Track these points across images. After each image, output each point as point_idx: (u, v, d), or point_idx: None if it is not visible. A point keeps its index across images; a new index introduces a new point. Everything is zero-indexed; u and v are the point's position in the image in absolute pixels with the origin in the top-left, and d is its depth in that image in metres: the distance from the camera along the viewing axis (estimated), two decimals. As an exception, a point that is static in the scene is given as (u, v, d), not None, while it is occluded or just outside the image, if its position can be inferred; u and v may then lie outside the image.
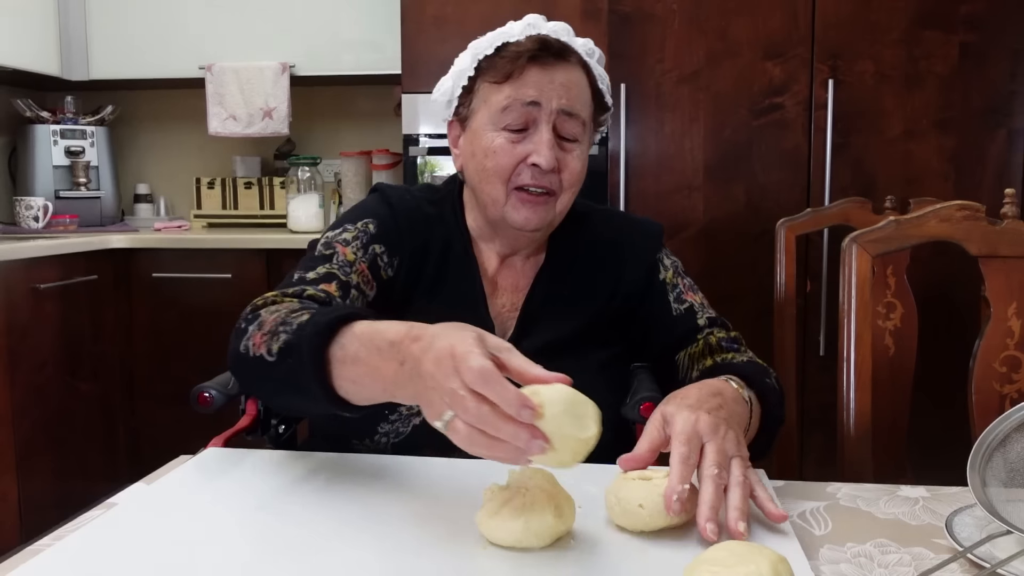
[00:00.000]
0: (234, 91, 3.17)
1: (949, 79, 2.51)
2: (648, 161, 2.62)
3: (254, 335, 0.94)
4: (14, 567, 0.72)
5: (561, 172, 1.14)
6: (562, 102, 1.13)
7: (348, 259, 1.13)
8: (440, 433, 0.86)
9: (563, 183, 1.15)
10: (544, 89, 1.12)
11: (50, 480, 2.61)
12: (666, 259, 1.29)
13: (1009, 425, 0.82)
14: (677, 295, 1.25)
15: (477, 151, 1.16)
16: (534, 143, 1.12)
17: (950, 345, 2.12)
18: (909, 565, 0.74)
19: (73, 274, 2.69)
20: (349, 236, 1.16)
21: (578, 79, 1.16)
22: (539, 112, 1.12)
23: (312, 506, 0.87)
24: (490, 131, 1.15)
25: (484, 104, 1.16)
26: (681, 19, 2.58)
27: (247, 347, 0.95)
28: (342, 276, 1.11)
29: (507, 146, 1.13)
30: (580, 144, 1.16)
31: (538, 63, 1.13)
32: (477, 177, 1.17)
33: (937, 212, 1.26)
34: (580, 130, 1.16)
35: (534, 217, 1.15)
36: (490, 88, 1.15)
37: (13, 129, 3.31)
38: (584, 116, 1.16)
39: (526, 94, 1.12)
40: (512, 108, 1.13)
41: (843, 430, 1.27)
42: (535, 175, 1.13)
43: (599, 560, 0.74)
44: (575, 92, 1.15)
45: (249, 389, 1.05)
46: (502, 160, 1.13)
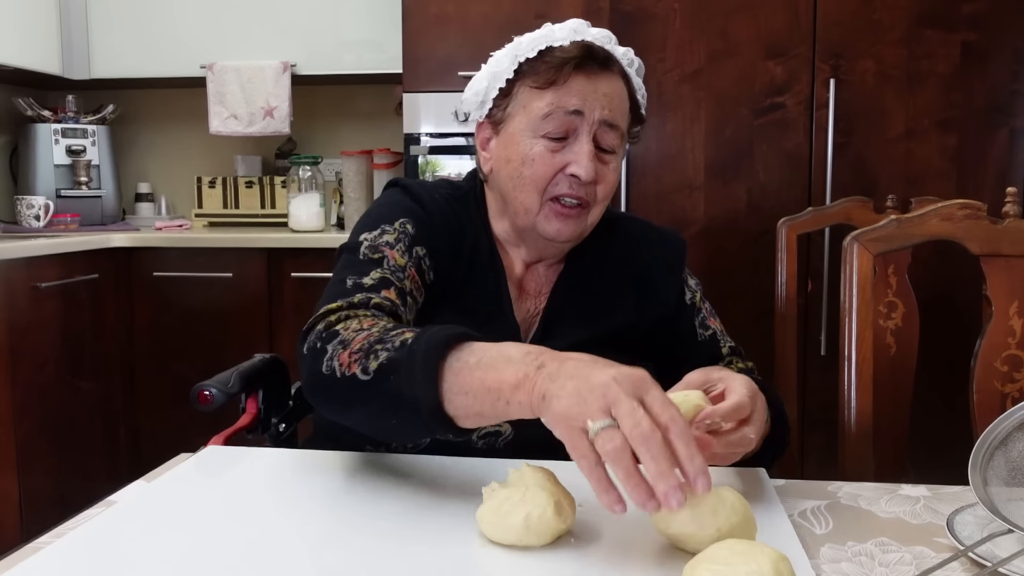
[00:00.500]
0: (235, 90, 3.17)
1: (951, 78, 2.51)
2: (649, 160, 2.62)
3: (339, 354, 0.89)
4: (14, 564, 0.72)
5: (597, 184, 1.12)
6: (604, 113, 1.10)
7: (399, 263, 1.08)
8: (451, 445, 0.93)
9: (598, 195, 1.13)
10: (588, 98, 1.09)
11: (51, 478, 2.61)
12: (690, 280, 1.28)
13: (1010, 424, 0.82)
14: (701, 320, 1.25)
15: (513, 157, 1.12)
16: (574, 153, 1.09)
17: (951, 344, 2.11)
18: (910, 564, 0.74)
19: (74, 273, 2.69)
20: (391, 238, 1.10)
21: (619, 90, 1.13)
22: (581, 122, 1.10)
23: (312, 504, 0.87)
24: (528, 137, 1.11)
25: (523, 109, 1.12)
26: (682, 18, 2.58)
27: (332, 367, 0.89)
28: (397, 283, 1.05)
29: (546, 155, 1.10)
30: (616, 156, 1.14)
31: (583, 71, 1.09)
32: (511, 184, 1.13)
33: (938, 211, 1.26)
34: (618, 142, 1.13)
35: (566, 229, 1.12)
36: (531, 93, 1.11)
37: (14, 128, 3.31)
38: (623, 128, 1.14)
39: (570, 102, 1.09)
40: (554, 116, 1.09)
41: (844, 429, 1.27)
42: (573, 185, 1.10)
43: (599, 558, 0.74)
44: (616, 103, 1.12)
45: (333, 411, 0.94)
46: (540, 169, 1.10)
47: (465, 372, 0.80)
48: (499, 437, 1.10)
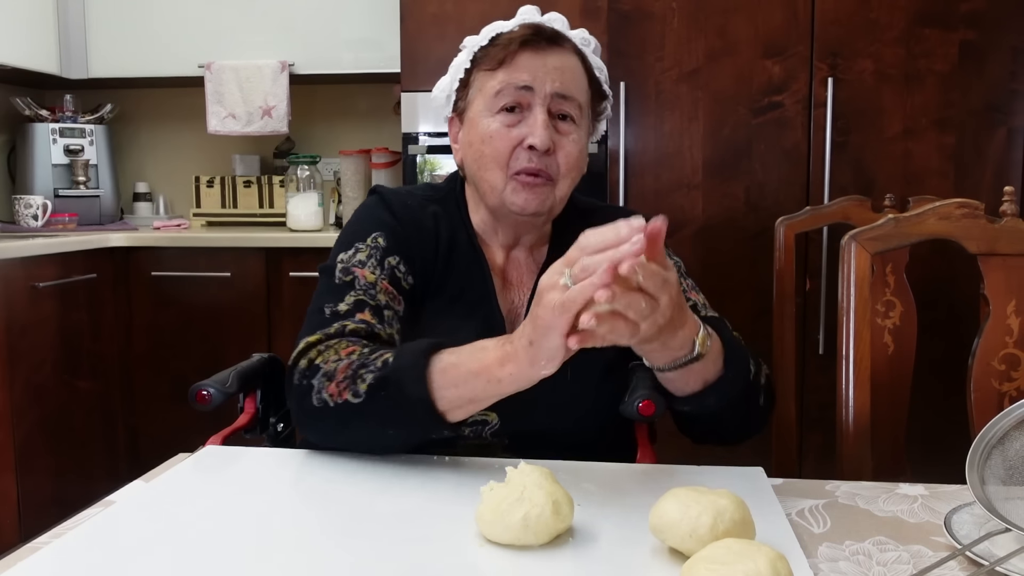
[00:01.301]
0: (233, 89, 3.17)
1: (949, 77, 2.51)
2: (647, 159, 2.62)
3: (327, 387, 0.98)
4: (12, 564, 0.72)
5: (557, 155, 1.14)
6: (556, 85, 1.13)
7: (369, 280, 1.12)
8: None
9: (560, 167, 1.15)
10: (537, 73, 1.13)
11: (49, 479, 2.61)
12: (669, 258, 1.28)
13: (1008, 423, 0.82)
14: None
15: (475, 139, 1.17)
16: (529, 125, 1.13)
17: (949, 343, 2.12)
18: (908, 563, 0.74)
19: (72, 273, 2.69)
20: (363, 256, 1.15)
21: (572, 64, 1.17)
22: (533, 96, 1.13)
23: (310, 503, 0.87)
24: (486, 117, 1.15)
25: (480, 93, 1.17)
26: (680, 17, 2.58)
27: (323, 399, 0.98)
28: (370, 301, 1.10)
29: (503, 130, 1.14)
30: (577, 128, 1.16)
31: (531, 47, 1.14)
32: (476, 165, 1.17)
33: (936, 210, 1.26)
34: (577, 112, 1.16)
35: (533, 200, 1.14)
36: (485, 76, 1.16)
37: (12, 127, 3.31)
38: (580, 99, 1.16)
39: (519, 78, 1.13)
40: (505, 92, 1.13)
41: (842, 428, 1.27)
42: (532, 158, 1.13)
43: (597, 558, 0.74)
44: (569, 76, 1.15)
45: (328, 439, 1.02)
46: (498, 144, 1.14)
47: (450, 369, 0.91)
48: (486, 426, 1.11)
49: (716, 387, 0.99)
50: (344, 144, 3.38)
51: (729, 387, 1.00)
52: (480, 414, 1.08)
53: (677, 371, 0.95)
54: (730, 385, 1.01)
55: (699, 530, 0.71)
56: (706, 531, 0.71)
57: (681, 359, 0.94)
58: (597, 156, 2.62)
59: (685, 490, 0.75)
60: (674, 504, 0.73)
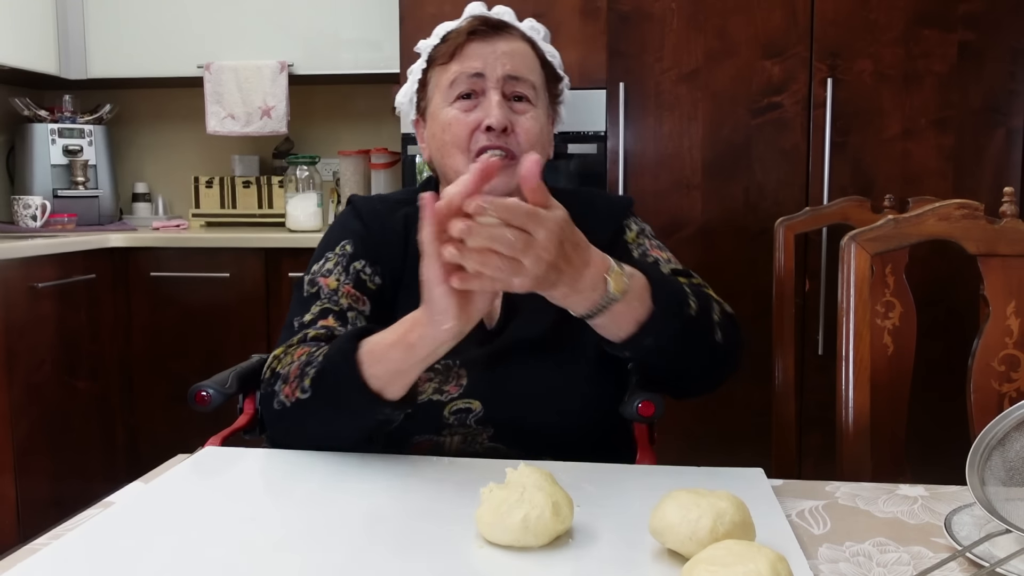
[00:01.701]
0: (232, 90, 3.17)
1: (948, 78, 2.51)
2: (647, 160, 2.62)
3: (282, 390, 1.04)
4: (12, 566, 0.72)
5: (517, 133, 1.17)
6: (506, 68, 1.17)
7: (332, 287, 1.18)
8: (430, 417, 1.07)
9: (521, 144, 1.17)
10: (487, 59, 1.17)
11: (48, 479, 2.60)
12: (633, 224, 1.29)
13: (1008, 424, 0.82)
14: (642, 252, 1.25)
15: (436, 131, 1.20)
16: (484, 109, 1.16)
17: (949, 344, 2.12)
18: (908, 564, 0.74)
19: (71, 273, 2.69)
20: (330, 265, 1.21)
21: (522, 49, 1.20)
22: (485, 82, 1.17)
23: (309, 505, 0.87)
24: (444, 107, 1.19)
25: (436, 88, 1.21)
26: (680, 18, 2.58)
27: (281, 403, 1.04)
28: (334, 307, 1.15)
29: (460, 116, 1.17)
30: (534, 108, 1.19)
31: (479, 37, 1.18)
32: (440, 155, 1.20)
33: (936, 211, 1.26)
34: (531, 93, 1.19)
35: (498, 181, 1.14)
36: (439, 71, 1.21)
37: (11, 128, 3.30)
38: (533, 80, 1.20)
39: (471, 66, 1.17)
40: (459, 80, 1.17)
41: (842, 429, 1.27)
42: (490, 138, 1.15)
43: (597, 559, 0.74)
44: (519, 59, 1.19)
45: (293, 439, 1.05)
46: (457, 130, 1.17)
47: (375, 348, 0.96)
48: (469, 414, 1.12)
49: (648, 326, 0.97)
50: (343, 144, 3.38)
51: (662, 324, 0.98)
52: (463, 401, 1.11)
53: (602, 316, 0.94)
54: (662, 322, 0.98)
55: (699, 533, 0.71)
56: (706, 534, 0.71)
57: (599, 301, 0.92)
58: (596, 156, 2.62)
59: (685, 492, 0.75)
60: (674, 507, 0.73)
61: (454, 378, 1.14)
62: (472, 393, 1.12)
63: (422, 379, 1.11)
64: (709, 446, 2.63)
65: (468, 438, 1.12)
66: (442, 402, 1.13)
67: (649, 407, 1.10)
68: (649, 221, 1.36)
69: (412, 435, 1.11)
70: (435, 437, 1.12)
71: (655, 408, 1.10)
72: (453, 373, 1.14)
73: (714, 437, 2.65)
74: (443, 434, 1.12)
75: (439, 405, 1.12)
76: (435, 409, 1.12)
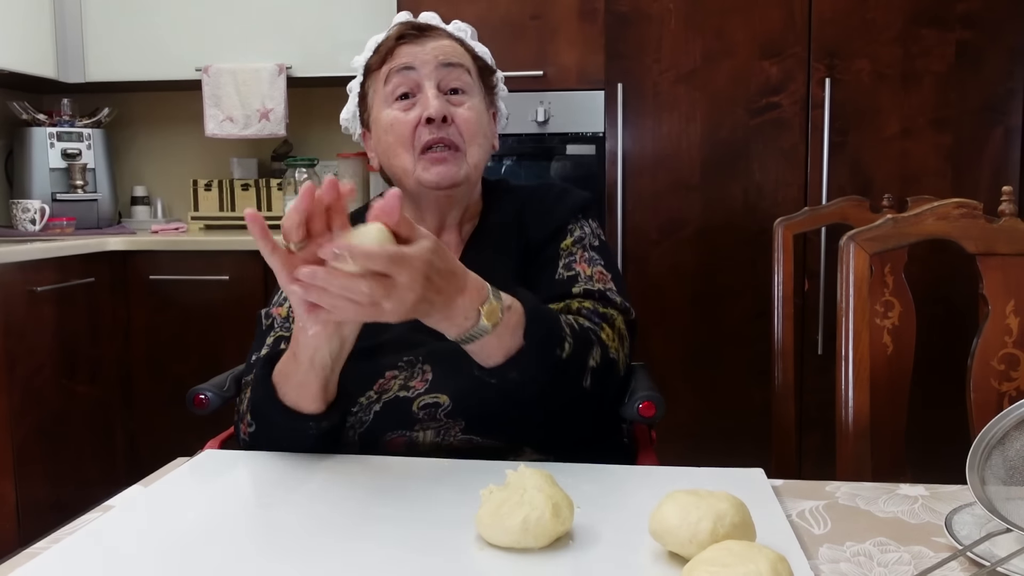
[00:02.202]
0: (231, 93, 3.17)
1: (946, 77, 2.51)
2: (645, 160, 2.62)
3: (241, 428, 1.11)
4: (11, 570, 0.72)
5: (457, 124, 1.18)
6: (438, 58, 1.19)
7: (283, 315, 1.21)
8: (400, 414, 1.07)
9: (463, 134, 1.18)
10: (417, 57, 1.19)
11: (48, 483, 2.60)
12: (577, 228, 1.26)
13: (1008, 423, 0.82)
14: (568, 263, 1.22)
15: (380, 135, 1.22)
16: (422, 104, 1.18)
17: (948, 343, 2.12)
18: (909, 564, 0.74)
19: (70, 276, 2.69)
20: (283, 295, 1.22)
21: (450, 46, 1.22)
22: (419, 75, 1.18)
23: (308, 507, 0.87)
24: (384, 110, 1.21)
25: (375, 95, 1.23)
26: (677, 18, 2.58)
27: (243, 440, 1.10)
28: (285, 333, 1.18)
29: (400, 115, 1.19)
30: (470, 96, 1.21)
31: (407, 41, 1.20)
32: (387, 157, 1.22)
33: (934, 210, 1.26)
34: (468, 79, 1.21)
35: (446, 173, 1.18)
36: (374, 78, 1.23)
37: (9, 132, 3.30)
38: (467, 66, 1.21)
39: (400, 63, 1.19)
40: (392, 78, 1.19)
41: (841, 429, 1.27)
42: (432, 131, 1.17)
43: (597, 561, 0.74)
44: (449, 50, 1.21)
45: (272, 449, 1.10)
46: (399, 128, 1.18)
47: (281, 368, 1.01)
48: (439, 408, 1.12)
49: (515, 360, 0.97)
50: (342, 147, 3.38)
51: (528, 360, 0.97)
52: (431, 396, 1.12)
53: (472, 344, 0.94)
54: (529, 359, 0.97)
55: (699, 535, 0.71)
56: (706, 536, 0.70)
57: (470, 330, 0.91)
58: (594, 157, 2.63)
59: (684, 493, 0.75)
60: (673, 509, 0.73)
61: (419, 373, 1.14)
62: (438, 387, 1.11)
63: (387, 376, 1.13)
64: (709, 447, 2.63)
65: (441, 432, 1.12)
66: (409, 398, 1.12)
67: (650, 408, 1.10)
68: (647, 222, 1.37)
69: (384, 432, 1.11)
70: (407, 433, 1.12)
71: (656, 409, 1.10)
72: (418, 368, 1.14)
73: (714, 438, 2.65)
74: (415, 429, 1.12)
75: (407, 401, 1.12)
76: (404, 405, 1.12)
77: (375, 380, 1.13)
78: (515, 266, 1.22)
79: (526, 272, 1.23)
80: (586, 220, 1.29)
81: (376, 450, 1.07)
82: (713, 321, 2.63)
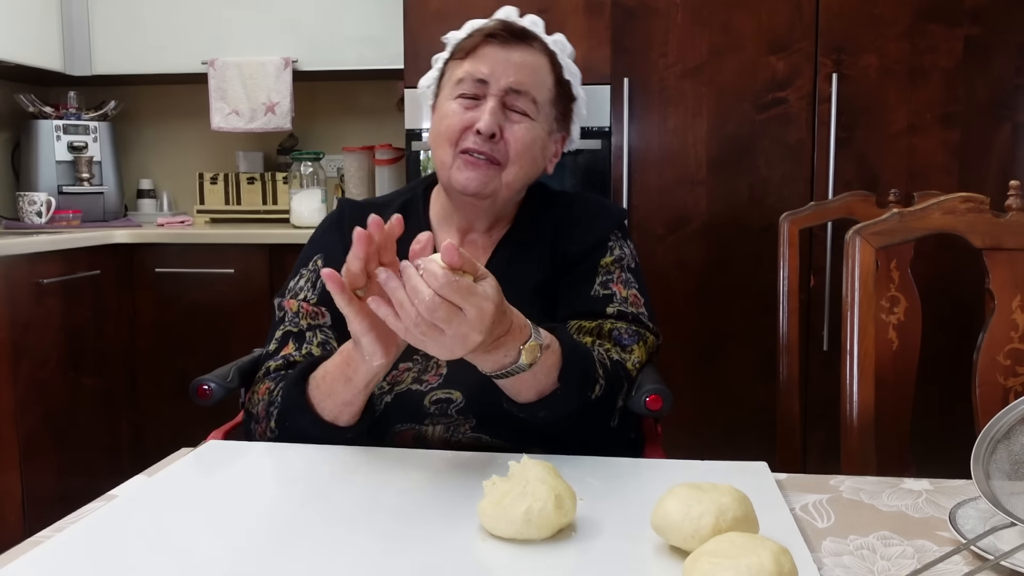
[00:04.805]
0: (237, 86, 3.17)
1: (953, 73, 2.50)
2: (651, 155, 2.62)
3: (256, 430, 1.13)
4: (15, 558, 0.72)
5: (507, 140, 1.18)
6: (511, 80, 1.18)
7: (293, 310, 1.22)
8: (411, 406, 1.09)
9: (509, 153, 1.18)
10: (497, 66, 1.19)
11: (53, 475, 2.61)
12: (617, 247, 1.27)
13: (1013, 417, 0.82)
14: (605, 281, 1.23)
15: (436, 121, 1.24)
16: (480, 111, 1.18)
17: (954, 338, 2.11)
18: (912, 558, 0.74)
19: (76, 269, 2.69)
20: (303, 282, 1.25)
21: (536, 62, 1.21)
22: (488, 89, 1.18)
23: (312, 498, 0.87)
24: (447, 100, 1.21)
25: (448, 81, 1.24)
26: (684, 13, 2.57)
27: (259, 438, 1.12)
28: (294, 329, 1.21)
29: (458, 111, 1.19)
30: (531, 121, 1.20)
31: (497, 41, 1.20)
32: (433, 144, 1.23)
33: (941, 204, 1.25)
34: (531, 108, 1.20)
35: (474, 179, 1.18)
36: (453, 65, 1.23)
37: (16, 124, 3.31)
38: (536, 96, 1.20)
39: (479, 70, 1.19)
40: (466, 81, 1.19)
41: (846, 423, 1.27)
42: (478, 141, 1.17)
43: (600, 552, 0.74)
44: (528, 72, 1.19)
45: None
46: (451, 122, 1.19)
47: (321, 383, 1.02)
48: (451, 404, 1.12)
49: (548, 401, 0.99)
50: (347, 140, 3.38)
51: (561, 403, 1.00)
52: (444, 391, 1.13)
53: (506, 380, 0.96)
54: (562, 401, 1.00)
55: (701, 530, 0.70)
56: (708, 531, 0.70)
57: (507, 367, 0.93)
58: (600, 152, 2.62)
59: (687, 487, 0.75)
60: (676, 504, 0.73)
61: (433, 367, 1.15)
62: (451, 383, 1.13)
63: (400, 368, 1.15)
64: (714, 441, 2.63)
65: (450, 427, 1.12)
66: (422, 391, 1.13)
67: (657, 401, 1.10)
68: (653, 217, 1.37)
69: (394, 424, 1.12)
70: (417, 426, 1.12)
71: (663, 402, 1.10)
72: (432, 362, 1.15)
73: (720, 432, 2.64)
74: (425, 423, 1.12)
75: (419, 395, 1.13)
76: (415, 398, 1.13)
77: (388, 372, 1.13)
78: (542, 276, 1.23)
79: (557, 282, 1.23)
80: (625, 240, 1.30)
81: (384, 442, 1.07)
82: (719, 316, 2.62)
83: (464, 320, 0.82)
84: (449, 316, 0.82)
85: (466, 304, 0.82)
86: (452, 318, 0.82)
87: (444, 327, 0.82)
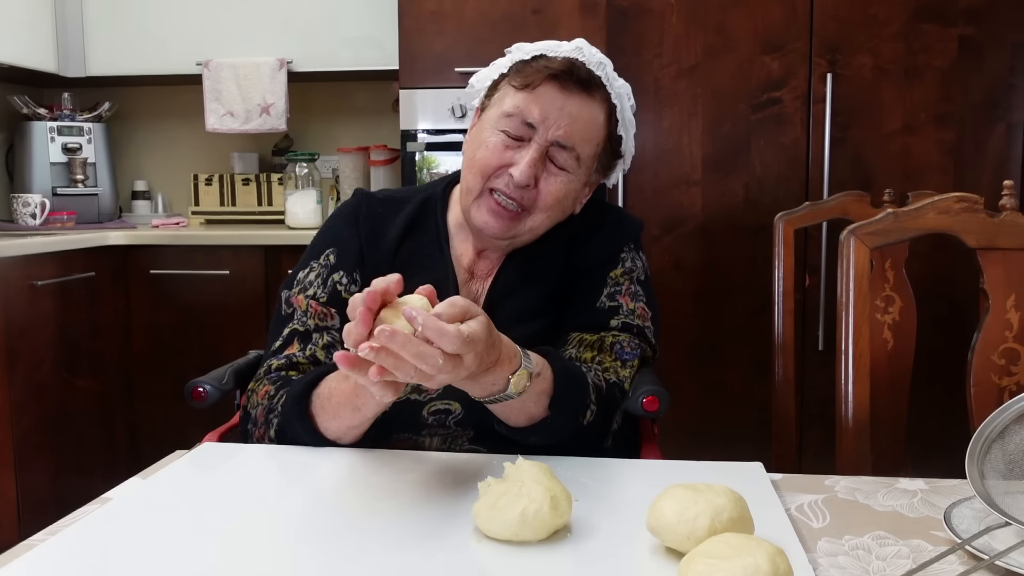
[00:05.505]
0: (231, 87, 3.16)
1: (948, 72, 2.51)
2: (646, 156, 2.62)
3: (254, 433, 1.11)
4: (9, 560, 0.72)
5: (540, 188, 1.14)
6: (559, 133, 1.13)
7: (302, 308, 1.20)
8: (409, 417, 1.08)
9: (538, 202, 1.15)
10: (550, 113, 1.13)
11: (49, 477, 2.60)
12: (628, 259, 1.27)
13: (1007, 417, 0.82)
14: (612, 293, 1.23)
15: (475, 140, 1.19)
16: (520, 156, 1.13)
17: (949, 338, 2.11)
18: (907, 557, 0.74)
19: (71, 271, 2.69)
20: (312, 276, 1.22)
21: (591, 115, 1.16)
22: (535, 134, 1.13)
23: (307, 500, 0.87)
24: (491, 127, 1.16)
25: (499, 103, 1.17)
26: (679, 13, 2.57)
27: (255, 441, 1.11)
28: (300, 328, 1.19)
29: (499, 147, 1.15)
30: (569, 174, 1.16)
31: (558, 83, 1.13)
32: (466, 163, 1.19)
33: (935, 204, 1.25)
34: (573, 164, 1.15)
35: (494, 225, 1.16)
36: (508, 90, 1.17)
37: (10, 126, 3.30)
38: (581, 152, 1.15)
39: (531, 112, 1.13)
40: (514, 119, 1.14)
41: (842, 423, 1.27)
42: (509, 185, 1.13)
43: (595, 554, 0.74)
44: (579, 125, 1.14)
45: None
46: (489, 156, 1.15)
47: (325, 403, 1.01)
48: (449, 415, 1.12)
49: (538, 428, 1.00)
50: (342, 141, 3.38)
51: (551, 429, 1.01)
52: (442, 402, 1.12)
53: (494, 404, 0.96)
54: (552, 427, 1.01)
55: (697, 532, 0.70)
56: (704, 532, 0.70)
57: (496, 395, 0.94)
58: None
59: (682, 488, 0.75)
60: (671, 505, 0.73)
61: None
62: (451, 394, 1.11)
63: None
64: (710, 442, 2.63)
65: (448, 440, 1.12)
66: (420, 402, 1.12)
67: (654, 402, 1.10)
68: (648, 217, 1.37)
69: (391, 434, 1.11)
70: (414, 436, 1.12)
71: (660, 403, 1.10)
72: None
73: (715, 433, 2.65)
74: (422, 434, 1.12)
75: (418, 405, 1.12)
76: (414, 409, 1.12)
77: None
78: (550, 288, 1.22)
79: (566, 292, 1.22)
80: (638, 252, 1.29)
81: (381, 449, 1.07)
82: (714, 316, 2.62)
83: (461, 364, 0.84)
84: (453, 366, 0.83)
85: (466, 354, 0.83)
86: (454, 368, 0.83)
87: (444, 371, 0.83)
